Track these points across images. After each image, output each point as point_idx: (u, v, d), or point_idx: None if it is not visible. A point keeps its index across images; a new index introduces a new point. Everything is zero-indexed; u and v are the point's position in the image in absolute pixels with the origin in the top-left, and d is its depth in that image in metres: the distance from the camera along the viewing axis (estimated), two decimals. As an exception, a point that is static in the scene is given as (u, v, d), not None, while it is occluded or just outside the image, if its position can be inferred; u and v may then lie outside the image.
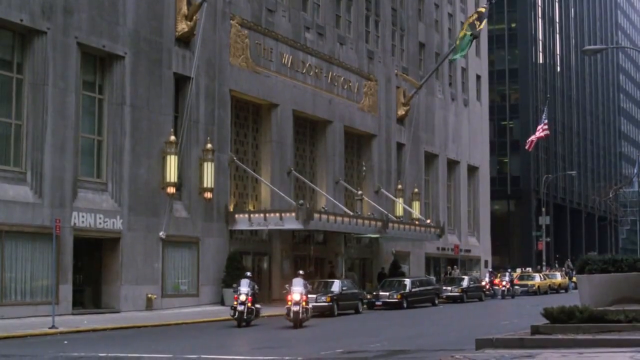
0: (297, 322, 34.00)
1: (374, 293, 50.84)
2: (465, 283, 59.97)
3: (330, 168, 59.93)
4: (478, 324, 34.69)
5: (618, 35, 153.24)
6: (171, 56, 46.09)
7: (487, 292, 62.90)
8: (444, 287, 58.64)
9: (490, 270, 71.84)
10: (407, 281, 52.77)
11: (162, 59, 45.51)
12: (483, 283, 63.56)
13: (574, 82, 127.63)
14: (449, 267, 72.63)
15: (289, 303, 34.41)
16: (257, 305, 35.77)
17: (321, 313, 41.52)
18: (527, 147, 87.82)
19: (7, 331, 30.65)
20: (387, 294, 49.98)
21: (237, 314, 34.72)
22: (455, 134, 79.74)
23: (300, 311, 34.13)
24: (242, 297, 34.79)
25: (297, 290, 34.64)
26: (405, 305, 49.72)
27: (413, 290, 51.58)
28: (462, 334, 28.31)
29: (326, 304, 42.38)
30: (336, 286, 44.67)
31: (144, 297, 43.21)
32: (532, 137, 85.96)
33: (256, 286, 36.31)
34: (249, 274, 37.20)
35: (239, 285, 35.68)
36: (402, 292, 50.55)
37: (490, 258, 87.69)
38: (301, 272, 37.43)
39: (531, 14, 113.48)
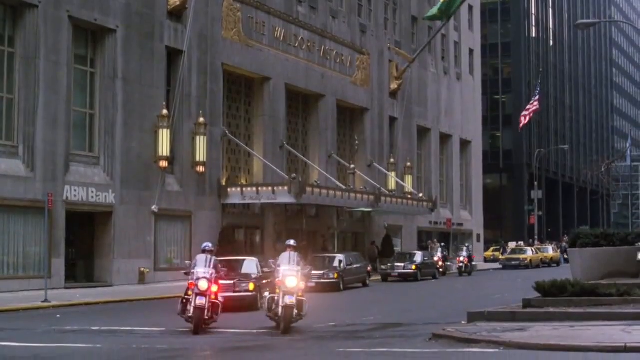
0: (288, 324, 21.82)
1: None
2: (418, 259, 52.77)
3: (323, 142, 59.87)
4: (465, 298, 34.73)
5: (611, 9, 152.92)
6: (163, 29, 45.91)
7: (440, 269, 56.47)
8: (396, 264, 51.69)
9: (442, 244, 65.43)
10: (341, 256, 44.29)
11: (154, 32, 45.34)
12: (435, 259, 56.45)
13: (567, 57, 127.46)
14: (429, 241, 71.48)
15: (277, 291, 22.28)
16: (220, 298, 23.15)
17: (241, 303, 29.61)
18: (520, 126, 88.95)
19: (-1, 305, 30.71)
20: (321, 272, 41.31)
21: (193, 312, 21.95)
22: (447, 108, 79.64)
23: (295, 305, 21.98)
24: (203, 285, 22.12)
25: (290, 273, 22.32)
26: (341, 286, 41.54)
27: (347, 267, 43.52)
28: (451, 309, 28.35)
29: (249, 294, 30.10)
30: (252, 267, 32.47)
31: (137, 271, 43.27)
32: (524, 114, 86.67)
33: (220, 265, 24.06)
34: (209, 245, 24.10)
35: (194, 264, 23.16)
36: (338, 270, 42.43)
37: (483, 232, 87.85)
38: (292, 241, 23.95)
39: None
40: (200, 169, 47.41)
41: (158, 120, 44.66)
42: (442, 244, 65.23)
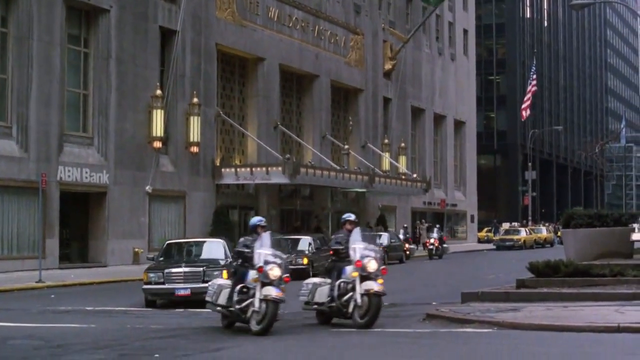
0: (377, 314, 17.74)
1: None
2: (385, 240, 47.11)
3: (317, 122, 59.82)
4: (457, 279, 34.75)
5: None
6: (157, 9, 45.76)
7: (407, 252, 52.79)
8: None
9: (405, 225, 62.95)
10: (308, 239, 39.10)
11: (147, 12, 45.19)
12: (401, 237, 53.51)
13: (561, 37, 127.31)
14: (417, 222, 71.11)
15: (354, 274, 17.87)
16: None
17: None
18: (523, 117, 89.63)
19: (-6, 285, 30.71)
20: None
21: (263, 306, 17.02)
22: (442, 89, 79.60)
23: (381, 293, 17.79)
24: (275, 272, 17.17)
25: (369, 254, 18.02)
26: (310, 272, 33.26)
27: (317, 251, 37.54)
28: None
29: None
30: (219, 251, 26.45)
31: (131, 251, 43.29)
32: (526, 103, 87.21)
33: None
34: (263, 221, 18.58)
35: (254, 244, 17.56)
36: (306, 254, 36.71)
37: (476, 212, 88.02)
38: (352, 216, 19.31)
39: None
40: (194, 149, 47.37)
41: (152, 100, 44.59)
42: (405, 226, 62.71)
